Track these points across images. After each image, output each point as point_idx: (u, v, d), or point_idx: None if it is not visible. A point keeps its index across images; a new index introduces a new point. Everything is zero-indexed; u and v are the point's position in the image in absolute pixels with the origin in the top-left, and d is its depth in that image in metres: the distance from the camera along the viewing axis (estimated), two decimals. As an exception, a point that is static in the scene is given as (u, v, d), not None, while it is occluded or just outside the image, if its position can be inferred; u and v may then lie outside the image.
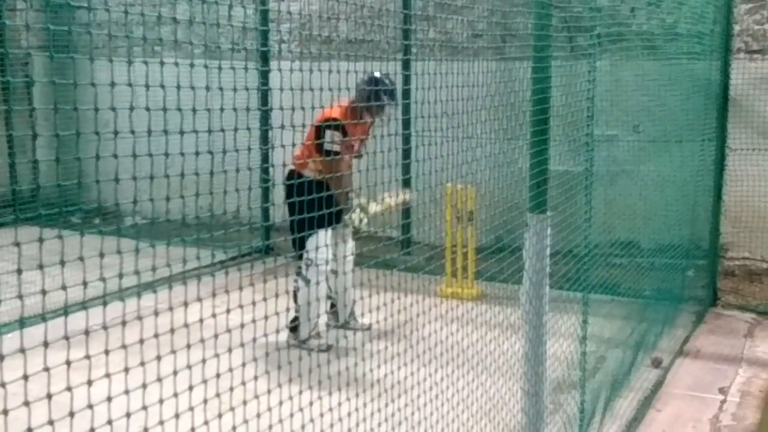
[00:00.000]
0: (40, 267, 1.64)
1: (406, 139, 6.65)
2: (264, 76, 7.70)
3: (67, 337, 1.74)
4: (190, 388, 2.09)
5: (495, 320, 3.91)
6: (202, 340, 2.14)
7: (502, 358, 3.84)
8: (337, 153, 5.69)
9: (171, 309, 2.02)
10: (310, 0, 8.50)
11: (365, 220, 5.95)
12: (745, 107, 7.86)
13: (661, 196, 6.21)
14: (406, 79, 6.33)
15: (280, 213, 8.73)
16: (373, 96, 5.81)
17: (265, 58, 8.15)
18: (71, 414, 1.73)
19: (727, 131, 7.40)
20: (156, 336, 1.96)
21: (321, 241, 5.40)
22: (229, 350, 2.20)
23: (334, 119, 5.57)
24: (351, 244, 6.22)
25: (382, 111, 5.90)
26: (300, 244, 5.78)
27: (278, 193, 7.84)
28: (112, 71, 1.88)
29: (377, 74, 5.97)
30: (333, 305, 6.52)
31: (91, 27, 9.05)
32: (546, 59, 3.57)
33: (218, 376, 2.20)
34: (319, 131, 5.60)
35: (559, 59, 3.89)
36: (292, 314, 5.84)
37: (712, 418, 5.13)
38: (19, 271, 1.62)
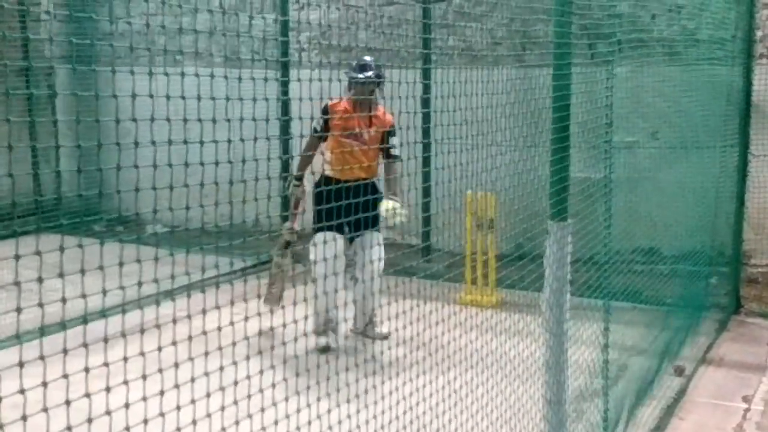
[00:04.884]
0: (60, 275, 1.65)
1: (426, 147, 6.66)
2: (284, 85, 7.73)
3: (86, 345, 1.75)
4: (208, 395, 2.10)
5: (515, 328, 3.90)
6: (220, 348, 2.14)
7: (523, 366, 3.83)
8: (315, 131, 6.09)
9: (189, 317, 2.03)
10: (329, 9, 8.52)
11: (398, 218, 5.95)
12: (768, 113, 7.78)
13: (682, 203, 6.17)
14: (426, 88, 6.36)
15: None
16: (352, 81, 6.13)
17: (285, 67, 8.18)
18: (89, 420, 1.74)
19: (750, 137, 7.34)
20: (174, 344, 1.97)
21: (318, 239, 5.51)
22: (247, 358, 2.21)
23: (325, 107, 6.09)
24: (376, 252, 6.20)
25: (366, 105, 6.18)
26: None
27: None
28: (133, 81, 1.90)
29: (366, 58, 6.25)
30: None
31: (113, 37, 9.12)
32: (566, 66, 3.56)
33: (236, 383, 2.20)
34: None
35: (579, 66, 3.88)
36: (310, 321, 5.93)
37: (735, 427, 5.08)
38: (40, 280, 1.64)
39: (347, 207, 5.27)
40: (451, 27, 7.08)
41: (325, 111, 6.15)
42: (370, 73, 6.02)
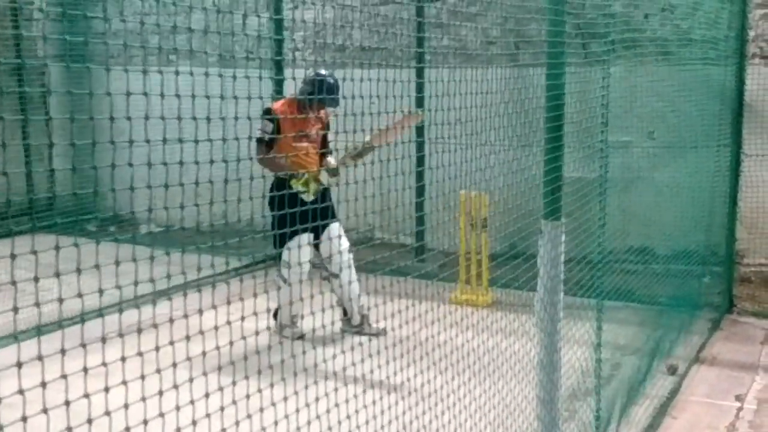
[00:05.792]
0: (57, 275, 1.65)
1: (420, 147, 6.66)
2: (278, 84, 7.72)
3: (84, 345, 1.75)
4: (206, 395, 2.10)
5: (511, 327, 3.89)
6: (218, 348, 2.13)
7: (519, 365, 3.83)
8: (261, 140, 6.03)
9: (186, 316, 2.02)
10: (324, 8, 8.52)
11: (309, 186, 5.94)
12: (760, 112, 7.81)
13: (676, 202, 6.18)
14: (420, 87, 6.35)
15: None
16: (315, 92, 6.08)
17: (279, 66, 8.17)
18: (89, 421, 1.73)
19: (743, 137, 7.36)
20: (171, 343, 1.96)
21: (294, 243, 5.81)
22: (245, 358, 2.20)
23: (268, 109, 6.04)
24: (337, 243, 6.19)
25: (321, 106, 6.20)
26: (279, 244, 6.25)
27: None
28: (127, 80, 1.90)
29: (323, 71, 6.28)
30: (346, 312, 6.53)
31: (106, 36, 9.08)
32: (560, 65, 3.57)
33: (234, 383, 2.20)
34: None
35: (572, 65, 3.88)
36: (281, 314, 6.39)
37: (728, 426, 5.09)
38: (36, 279, 1.63)
39: (312, 207, 5.32)
40: (445, 26, 7.09)
41: (268, 112, 6.03)
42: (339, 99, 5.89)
